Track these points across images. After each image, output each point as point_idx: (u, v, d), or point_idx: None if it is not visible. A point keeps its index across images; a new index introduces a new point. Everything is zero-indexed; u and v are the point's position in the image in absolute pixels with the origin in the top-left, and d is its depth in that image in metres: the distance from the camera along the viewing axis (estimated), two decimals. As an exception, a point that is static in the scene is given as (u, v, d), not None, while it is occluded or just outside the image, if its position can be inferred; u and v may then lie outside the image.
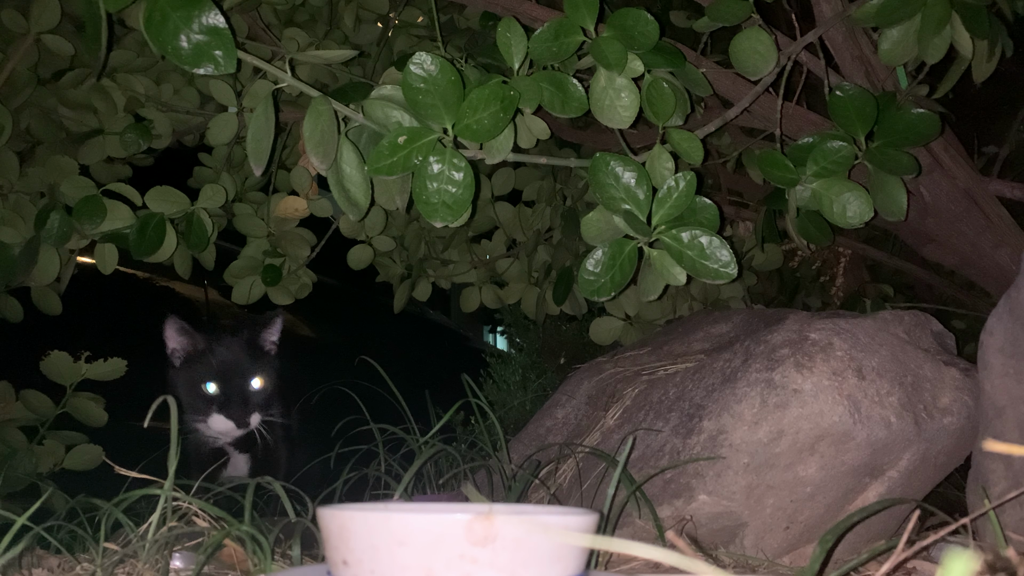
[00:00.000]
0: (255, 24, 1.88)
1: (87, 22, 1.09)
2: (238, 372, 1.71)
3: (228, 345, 1.73)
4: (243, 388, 1.70)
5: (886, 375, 1.15)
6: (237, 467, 1.80)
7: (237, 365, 1.71)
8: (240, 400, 1.69)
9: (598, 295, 1.20)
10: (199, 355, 1.70)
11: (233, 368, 1.71)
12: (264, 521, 1.15)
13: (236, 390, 1.69)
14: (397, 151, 1.13)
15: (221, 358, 1.71)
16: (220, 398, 1.68)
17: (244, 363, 1.72)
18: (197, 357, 1.70)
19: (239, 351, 1.73)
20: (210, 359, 1.70)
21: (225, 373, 1.70)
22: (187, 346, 1.71)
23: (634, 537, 1.17)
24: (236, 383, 1.70)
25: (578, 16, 1.23)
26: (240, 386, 1.70)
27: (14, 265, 1.66)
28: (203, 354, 1.70)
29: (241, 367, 1.71)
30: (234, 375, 1.70)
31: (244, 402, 1.69)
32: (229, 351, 1.72)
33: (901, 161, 1.32)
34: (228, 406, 1.68)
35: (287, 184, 1.95)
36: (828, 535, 0.81)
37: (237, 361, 1.72)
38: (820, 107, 1.52)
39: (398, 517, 0.60)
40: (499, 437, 1.49)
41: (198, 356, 1.70)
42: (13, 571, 1.01)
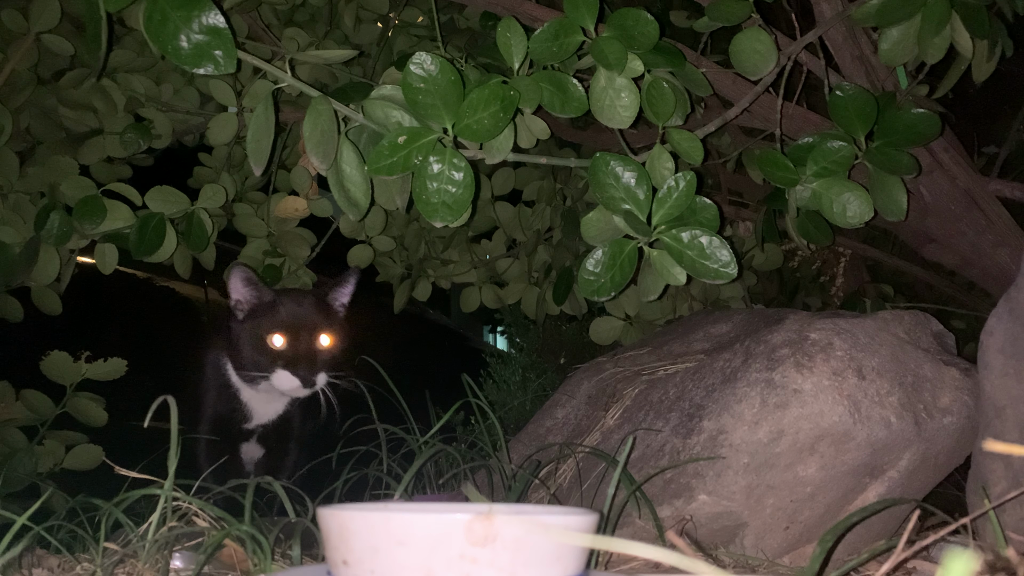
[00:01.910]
0: (255, 24, 1.88)
1: (87, 22, 1.09)
2: (306, 327, 1.60)
3: (297, 299, 1.64)
4: (311, 344, 1.59)
5: (886, 375, 1.15)
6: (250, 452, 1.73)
7: (306, 319, 1.61)
8: (307, 357, 1.58)
9: (598, 295, 1.20)
10: (265, 307, 1.60)
11: (301, 322, 1.60)
12: (264, 521, 1.15)
13: (304, 346, 1.59)
14: (397, 151, 1.13)
15: (289, 311, 1.60)
16: (287, 353, 1.58)
17: (313, 318, 1.62)
18: (263, 309, 1.60)
19: (308, 306, 1.63)
20: (278, 311, 1.60)
21: (293, 327, 1.59)
22: (253, 298, 1.61)
23: (634, 537, 1.17)
24: (304, 338, 1.59)
25: (578, 16, 1.23)
26: (308, 342, 1.59)
27: (14, 265, 1.66)
28: (270, 306, 1.60)
29: (310, 322, 1.61)
30: (302, 329, 1.59)
31: (311, 359, 1.59)
32: (298, 305, 1.62)
33: (901, 161, 1.32)
34: (295, 363, 1.57)
35: (287, 184, 1.95)
36: (828, 535, 0.81)
37: (306, 315, 1.61)
38: (820, 107, 1.52)
39: (398, 517, 0.60)
40: (499, 437, 1.49)
41: (264, 308, 1.60)
42: (13, 571, 1.01)
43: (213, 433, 1.64)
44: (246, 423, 1.66)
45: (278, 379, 1.57)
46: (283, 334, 1.58)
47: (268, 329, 1.58)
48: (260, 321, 1.59)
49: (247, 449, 1.71)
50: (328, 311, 1.65)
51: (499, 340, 3.28)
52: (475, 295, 2.27)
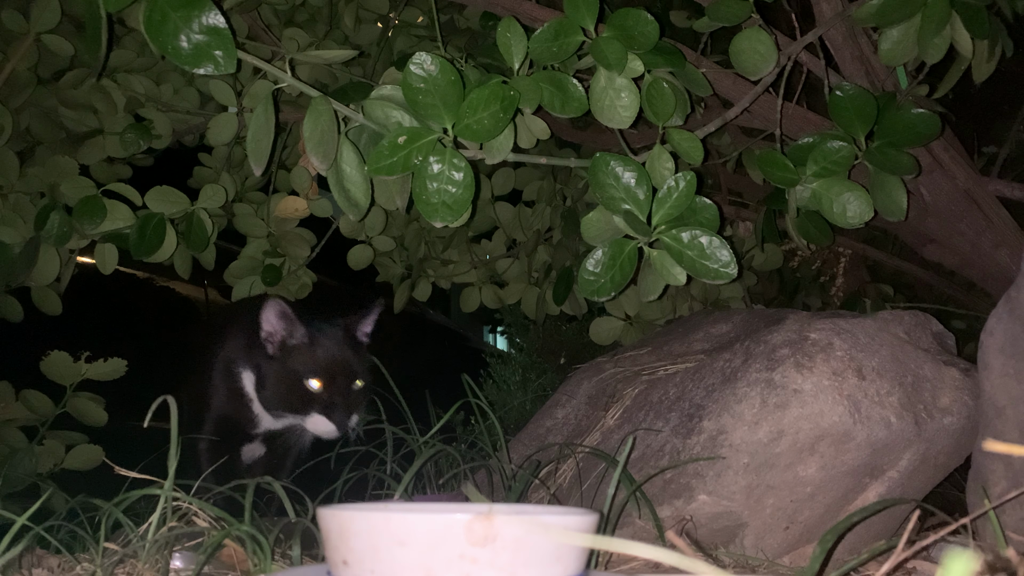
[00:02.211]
0: (255, 24, 1.88)
1: (87, 22, 1.09)
2: (344, 372, 1.55)
3: (331, 339, 1.57)
4: (348, 389, 1.55)
5: (886, 375, 1.15)
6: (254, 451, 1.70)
7: (343, 364, 1.56)
8: (344, 402, 1.54)
9: (598, 295, 1.20)
10: (300, 347, 1.55)
11: (339, 367, 1.55)
12: (264, 521, 1.15)
13: (341, 391, 1.54)
14: (397, 151, 1.13)
15: (327, 354, 1.55)
16: (324, 398, 1.53)
17: (350, 362, 1.57)
18: (298, 349, 1.55)
19: (343, 347, 1.58)
20: (314, 353, 1.54)
21: (330, 371, 1.54)
22: (285, 333, 1.55)
23: (634, 537, 1.17)
24: (341, 383, 1.54)
25: (578, 16, 1.23)
26: (345, 387, 1.55)
27: (14, 265, 1.66)
28: (305, 347, 1.55)
29: (347, 367, 1.56)
30: (339, 374, 1.55)
31: (348, 405, 1.54)
32: (334, 346, 1.57)
33: (901, 161, 1.32)
34: (332, 408, 1.52)
35: (287, 184, 1.95)
36: (828, 535, 0.81)
37: (343, 359, 1.56)
38: (820, 107, 1.52)
39: (398, 517, 0.60)
40: (499, 437, 1.49)
41: (299, 348, 1.55)
42: (13, 571, 1.01)
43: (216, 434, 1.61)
44: (253, 429, 1.64)
45: (313, 423, 1.54)
46: (320, 379, 1.53)
47: (305, 372, 1.53)
48: (295, 361, 1.54)
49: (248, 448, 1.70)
50: (358, 349, 1.61)
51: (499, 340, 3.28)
52: (475, 295, 2.27)
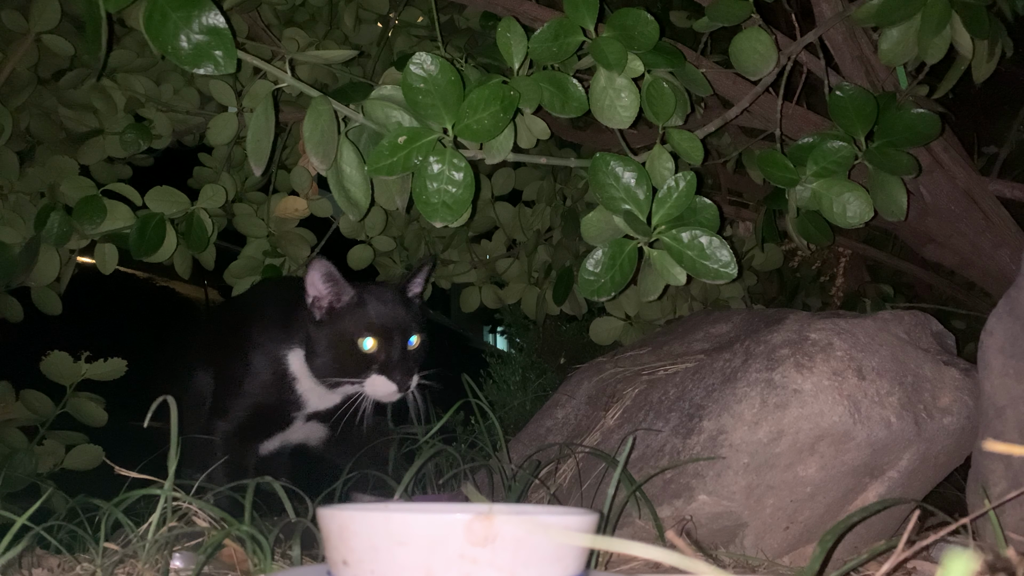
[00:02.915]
0: (255, 24, 1.88)
1: (87, 22, 1.09)
2: (398, 328, 1.48)
3: (381, 296, 1.51)
4: (403, 346, 1.48)
5: (886, 375, 1.15)
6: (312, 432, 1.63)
7: (396, 320, 1.49)
8: (402, 360, 1.47)
9: (598, 295, 1.20)
10: (350, 307, 1.48)
11: (392, 323, 1.48)
12: (264, 521, 1.15)
13: (397, 348, 1.47)
14: (397, 151, 1.13)
15: (378, 311, 1.48)
16: (380, 357, 1.46)
17: (402, 317, 1.50)
18: (347, 309, 1.48)
19: (395, 303, 1.51)
20: (365, 312, 1.47)
21: (384, 329, 1.47)
22: (333, 295, 1.49)
23: (634, 537, 1.17)
24: (396, 340, 1.47)
25: (578, 16, 1.23)
26: (401, 344, 1.48)
27: (14, 265, 1.66)
28: (355, 306, 1.48)
29: (401, 322, 1.49)
30: (394, 331, 1.48)
31: (405, 362, 1.48)
32: (384, 304, 1.50)
33: (901, 161, 1.32)
34: (390, 367, 1.46)
35: (287, 184, 1.95)
36: (828, 535, 0.81)
37: (395, 315, 1.50)
38: (820, 107, 1.52)
39: (398, 517, 0.60)
40: (499, 437, 1.49)
41: (349, 308, 1.48)
42: (13, 571, 1.01)
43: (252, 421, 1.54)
44: (297, 411, 1.57)
45: (372, 385, 1.47)
46: (375, 337, 1.47)
47: (358, 332, 1.46)
48: (346, 322, 1.47)
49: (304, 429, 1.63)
50: (411, 307, 1.55)
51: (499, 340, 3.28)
52: (475, 295, 2.27)
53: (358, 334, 1.46)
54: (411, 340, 1.50)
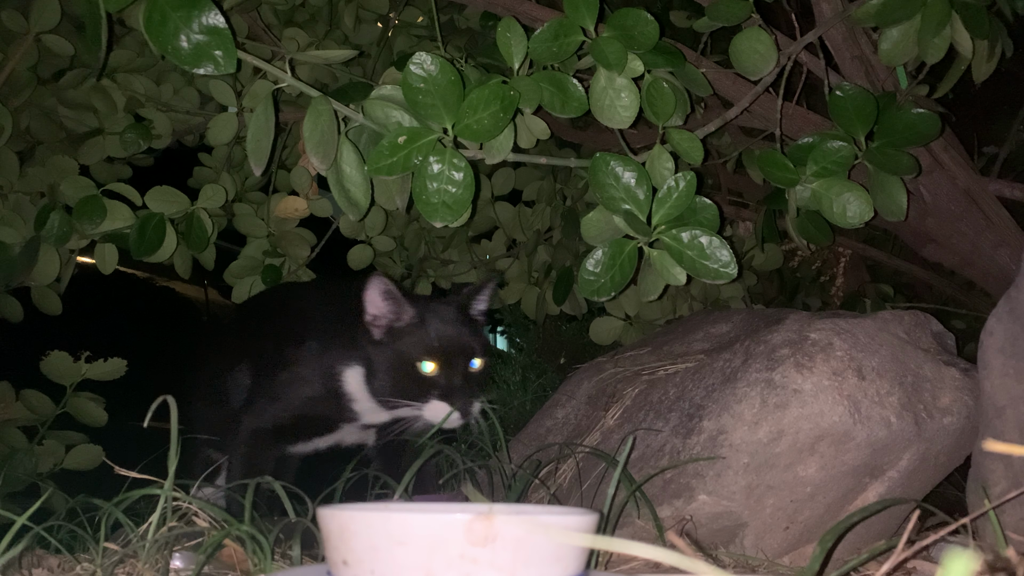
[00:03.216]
0: (255, 24, 1.88)
1: (87, 22, 1.09)
2: (460, 350, 1.42)
3: (444, 315, 1.44)
4: (465, 370, 1.42)
5: (886, 375, 1.15)
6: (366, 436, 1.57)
7: (458, 342, 1.43)
8: (464, 385, 1.40)
9: (598, 295, 1.20)
10: (410, 327, 1.41)
11: (454, 345, 1.42)
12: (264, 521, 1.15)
13: (459, 373, 1.41)
14: (397, 151, 1.13)
15: (439, 332, 1.42)
16: (441, 382, 1.40)
17: (466, 339, 1.43)
18: (407, 329, 1.41)
19: (457, 323, 1.45)
20: (426, 332, 1.41)
21: (445, 351, 1.41)
22: (392, 314, 1.42)
23: (634, 537, 1.17)
24: (457, 364, 1.41)
25: (578, 16, 1.23)
26: (462, 368, 1.41)
27: (14, 265, 1.66)
28: (415, 326, 1.41)
29: (463, 344, 1.43)
30: (455, 354, 1.41)
31: (467, 387, 1.41)
32: (446, 324, 1.43)
33: (901, 161, 1.32)
34: (451, 392, 1.39)
35: (287, 184, 1.95)
36: (828, 535, 0.81)
37: (458, 337, 1.43)
38: (820, 107, 1.52)
39: (398, 517, 0.60)
40: (499, 437, 1.49)
41: (409, 328, 1.41)
42: (13, 571, 1.01)
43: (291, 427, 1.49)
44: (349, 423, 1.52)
45: (432, 411, 1.39)
46: (435, 360, 1.40)
47: (418, 354, 1.40)
48: (405, 343, 1.41)
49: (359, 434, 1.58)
50: (473, 327, 1.48)
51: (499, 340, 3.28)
52: (475, 295, 2.27)
53: (418, 357, 1.40)
54: (473, 363, 1.43)
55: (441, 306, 1.47)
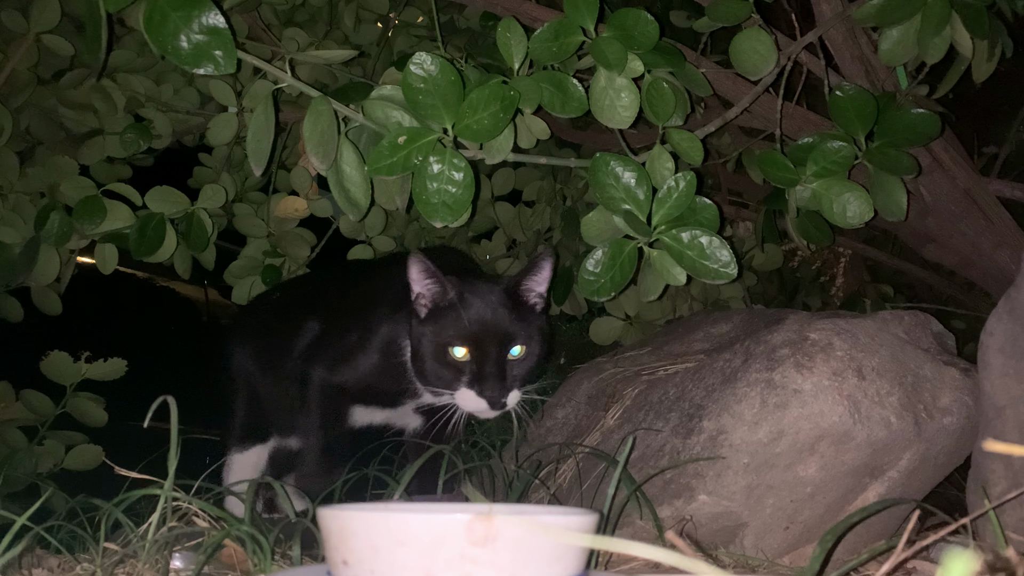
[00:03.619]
0: (255, 24, 1.88)
1: (87, 22, 1.09)
2: (495, 336, 1.34)
3: (484, 297, 1.36)
4: (500, 357, 1.34)
5: (886, 375, 1.15)
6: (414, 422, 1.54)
7: (494, 326, 1.34)
8: (497, 373, 1.33)
9: (598, 295, 1.20)
10: (447, 308, 1.35)
11: (488, 330, 1.34)
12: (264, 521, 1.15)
13: (492, 360, 1.33)
14: (397, 151, 1.13)
15: (474, 316, 1.34)
16: (471, 368, 1.34)
17: (503, 324, 1.35)
18: (445, 311, 1.35)
19: (497, 306, 1.36)
20: (460, 314, 1.34)
21: (478, 336, 1.33)
22: (434, 293, 1.36)
23: (634, 537, 1.17)
24: (491, 350, 1.33)
25: (578, 16, 1.23)
26: (497, 355, 1.33)
27: (14, 265, 1.66)
28: (452, 308, 1.34)
29: (499, 329, 1.34)
30: (489, 339, 1.33)
31: (501, 376, 1.33)
32: (485, 306, 1.35)
33: (901, 161, 1.32)
34: (481, 380, 1.32)
35: (287, 184, 1.95)
36: (828, 535, 0.81)
37: (495, 320, 1.35)
38: (820, 107, 1.52)
39: (398, 517, 0.60)
40: (499, 437, 1.49)
41: (447, 310, 1.35)
42: (13, 571, 1.01)
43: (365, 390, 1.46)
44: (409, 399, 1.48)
45: (462, 398, 1.34)
46: (467, 345, 1.33)
47: (449, 338, 1.34)
48: (442, 326, 1.35)
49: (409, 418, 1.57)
50: (521, 311, 1.38)
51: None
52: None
53: (449, 341, 1.34)
54: (513, 350, 1.35)
55: (486, 286, 1.39)
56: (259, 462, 1.64)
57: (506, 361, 1.34)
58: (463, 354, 1.33)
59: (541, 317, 1.41)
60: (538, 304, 1.41)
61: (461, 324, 1.33)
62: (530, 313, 1.39)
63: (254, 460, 1.63)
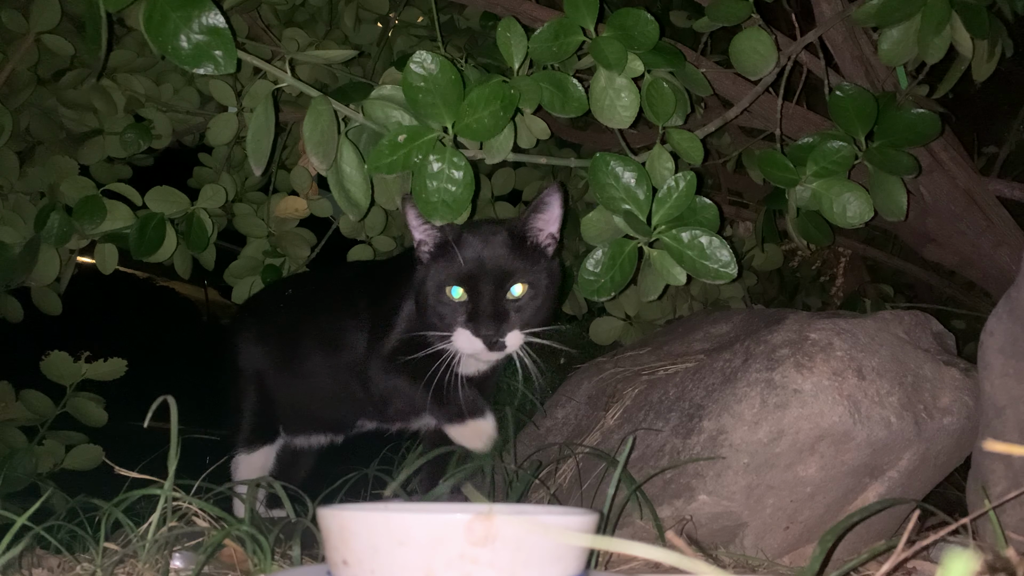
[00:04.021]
0: (255, 24, 1.88)
1: (87, 22, 1.09)
2: (491, 273, 1.30)
3: (485, 238, 1.32)
4: (498, 296, 1.29)
5: (886, 375, 1.15)
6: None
7: (490, 263, 1.30)
8: (493, 312, 1.28)
9: (598, 295, 1.20)
10: (447, 248, 1.31)
11: (485, 268, 1.30)
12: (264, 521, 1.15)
13: (487, 297, 1.29)
14: (397, 149, 1.13)
15: (471, 254, 1.30)
16: (467, 307, 1.30)
17: (501, 261, 1.31)
18: (445, 252, 1.31)
19: (498, 246, 1.32)
20: (457, 254, 1.30)
21: (474, 274, 1.30)
22: (434, 236, 1.33)
23: (634, 537, 1.17)
24: (486, 288, 1.29)
25: (578, 16, 1.23)
26: (493, 293, 1.29)
27: (14, 265, 1.66)
28: (450, 247, 1.31)
29: (496, 266, 1.30)
30: (484, 278, 1.29)
31: (497, 315, 1.28)
32: (484, 245, 1.31)
33: (902, 161, 1.32)
34: (476, 319, 1.28)
35: (287, 184, 1.95)
36: (828, 535, 0.81)
37: (492, 257, 1.31)
38: (820, 107, 1.52)
39: (398, 517, 0.60)
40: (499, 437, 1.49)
41: (446, 250, 1.31)
42: (13, 571, 1.01)
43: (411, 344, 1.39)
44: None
45: (459, 339, 1.30)
46: (462, 284, 1.30)
47: (446, 278, 1.30)
48: (439, 268, 1.31)
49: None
50: (524, 250, 1.33)
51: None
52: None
53: (445, 281, 1.30)
54: (514, 289, 1.31)
55: (489, 228, 1.35)
56: (267, 463, 1.64)
57: (504, 300, 1.30)
58: (460, 294, 1.30)
59: (550, 258, 1.36)
60: (549, 245, 1.36)
61: (456, 264, 1.30)
62: (535, 252, 1.34)
63: (262, 461, 1.63)
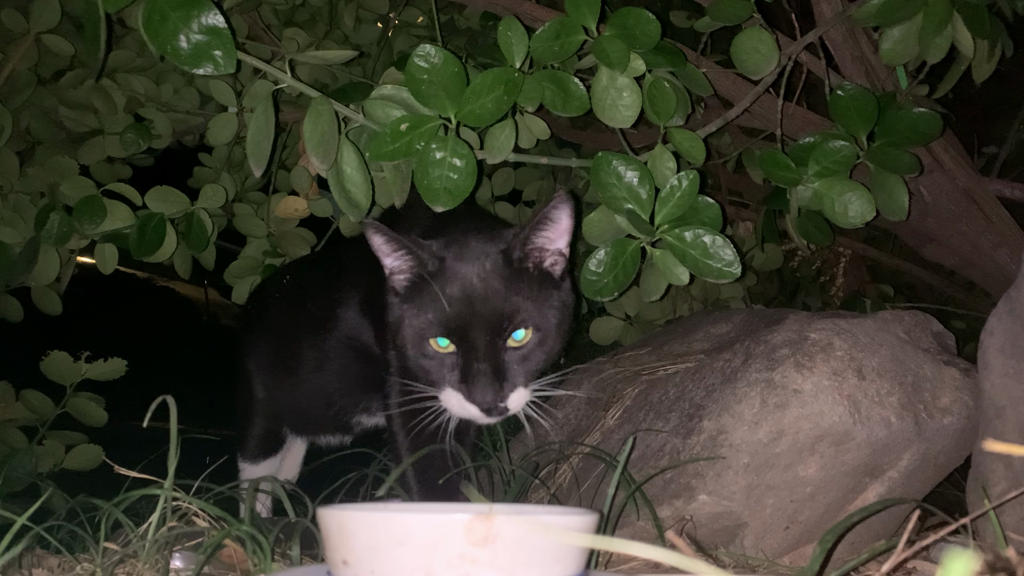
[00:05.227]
0: (255, 24, 1.88)
1: (87, 22, 1.09)
2: (484, 317, 1.03)
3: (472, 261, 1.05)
4: (494, 348, 1.03)
5: (886, 375, 1.15)
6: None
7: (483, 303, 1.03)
8: (490, 370, 1.03)
9: (601, 295, 1.20)
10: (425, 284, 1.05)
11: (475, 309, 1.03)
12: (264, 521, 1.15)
13: (482, 352, 1.03)
14: (399, 137, 1.12)
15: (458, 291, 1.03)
16: (457, 361, 1.04)
17: (496, 298, 1.04)
18: (423, 287, 1.05)
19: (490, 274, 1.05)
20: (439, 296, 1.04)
21: (463, 321, 1.03)
22: (409, 263, 1.08)
23: (634, 537, 1.17)
24: (480, 338, 1.03)
25: (579, 15, 1.23)
26: (489, 345, 1.03)
27: (14, 265, 1.66)
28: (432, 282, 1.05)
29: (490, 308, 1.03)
30: (477, 322, 1.03)
31: (496, 372, 1.03)
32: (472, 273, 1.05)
33: (903, 160, 1.32)
34: (469, 379, 1.03)
35: (287, 184, 1.95)
36: (828, 535, 0.81)
37: (485, 295, 1.04)
38: (820, 107, 1.52)
39: (398, 517, 0.59)
40: (499, 437, 1.49)
41: (424, 286, 1.05)
42: (13, 571, 1.00)
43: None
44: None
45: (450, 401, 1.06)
46: (449, 335, 1.04)
47: (427, 327, 1.04)
48: (419, 307, 1.05)
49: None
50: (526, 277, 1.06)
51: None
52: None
53: (427, 331, 1.04)
54: (516, 334, 1.04)
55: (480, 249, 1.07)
56: (271, 471, 1.65)
57: (504, 351, 1.05)
58: (447, 346, 1.05)
59: (560, 284, 1.09)
60: (556, 265, 1.09)
61: (438, 306, 1.03)
62: (540, 279, 1.07)
63: (266, 471, 1.63)
